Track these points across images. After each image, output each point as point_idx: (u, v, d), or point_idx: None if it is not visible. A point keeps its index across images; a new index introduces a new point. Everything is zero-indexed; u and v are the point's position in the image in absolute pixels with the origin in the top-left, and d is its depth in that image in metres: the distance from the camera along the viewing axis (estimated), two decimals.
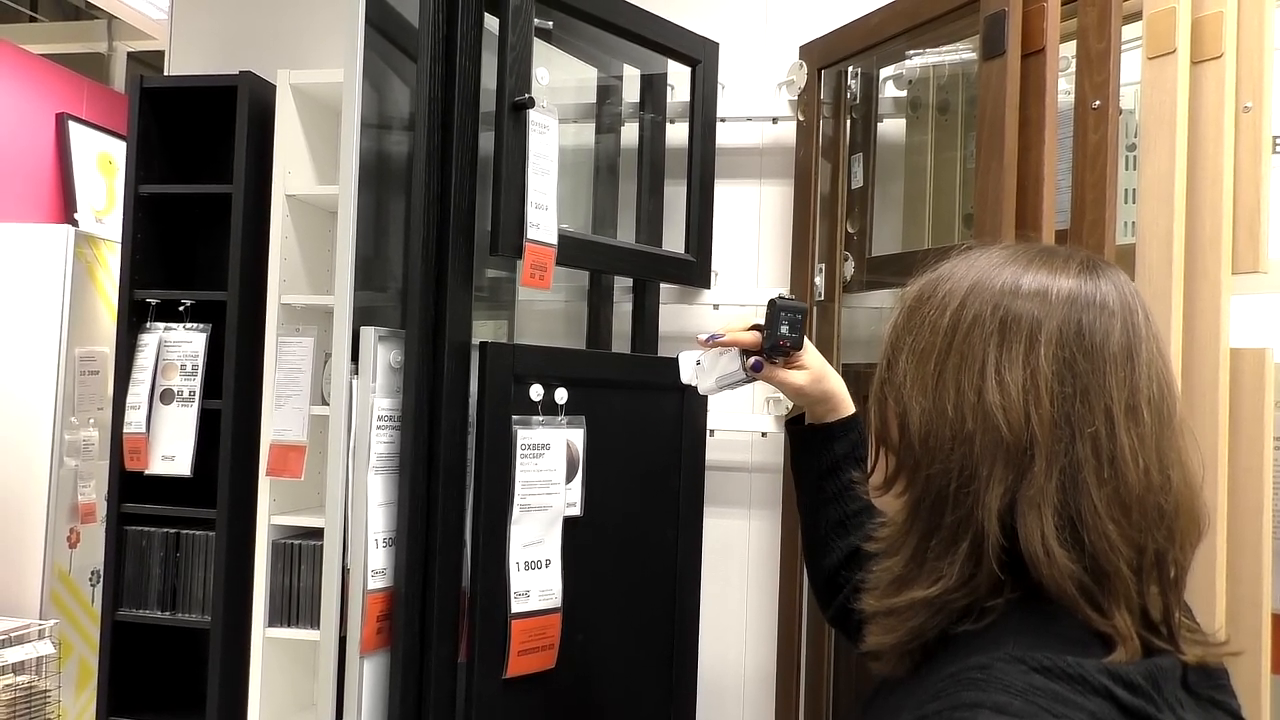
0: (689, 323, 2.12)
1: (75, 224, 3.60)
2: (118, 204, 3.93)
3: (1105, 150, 1.53)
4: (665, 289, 2.07)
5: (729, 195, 2.13)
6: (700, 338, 1.22)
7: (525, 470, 1.60)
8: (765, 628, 2.10)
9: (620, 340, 2.07)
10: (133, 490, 2.05)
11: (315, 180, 2.15)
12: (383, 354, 1.59)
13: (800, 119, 2.02)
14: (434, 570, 1.55)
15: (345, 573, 1.58)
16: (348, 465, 1.56)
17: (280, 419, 1.87)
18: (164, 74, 2.45)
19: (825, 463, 1.20)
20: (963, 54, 1.84)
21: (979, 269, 0.78)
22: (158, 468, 2.00)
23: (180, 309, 2.11)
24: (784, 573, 2.03)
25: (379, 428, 1.58)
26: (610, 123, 2.12)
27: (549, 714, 1.66)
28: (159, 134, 2.25)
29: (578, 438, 1.69)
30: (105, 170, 3.96)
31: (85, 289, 3.08)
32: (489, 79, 1.63)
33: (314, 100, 2.19)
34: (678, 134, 2.06)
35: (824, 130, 1.98)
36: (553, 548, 1.63)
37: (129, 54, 5.11)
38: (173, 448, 1.99)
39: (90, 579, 3.04)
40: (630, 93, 2.10)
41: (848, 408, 1.21)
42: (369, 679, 1.54)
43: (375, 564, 1.56)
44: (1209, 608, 1.42)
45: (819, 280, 1.95)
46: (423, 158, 1.58)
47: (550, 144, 1.66)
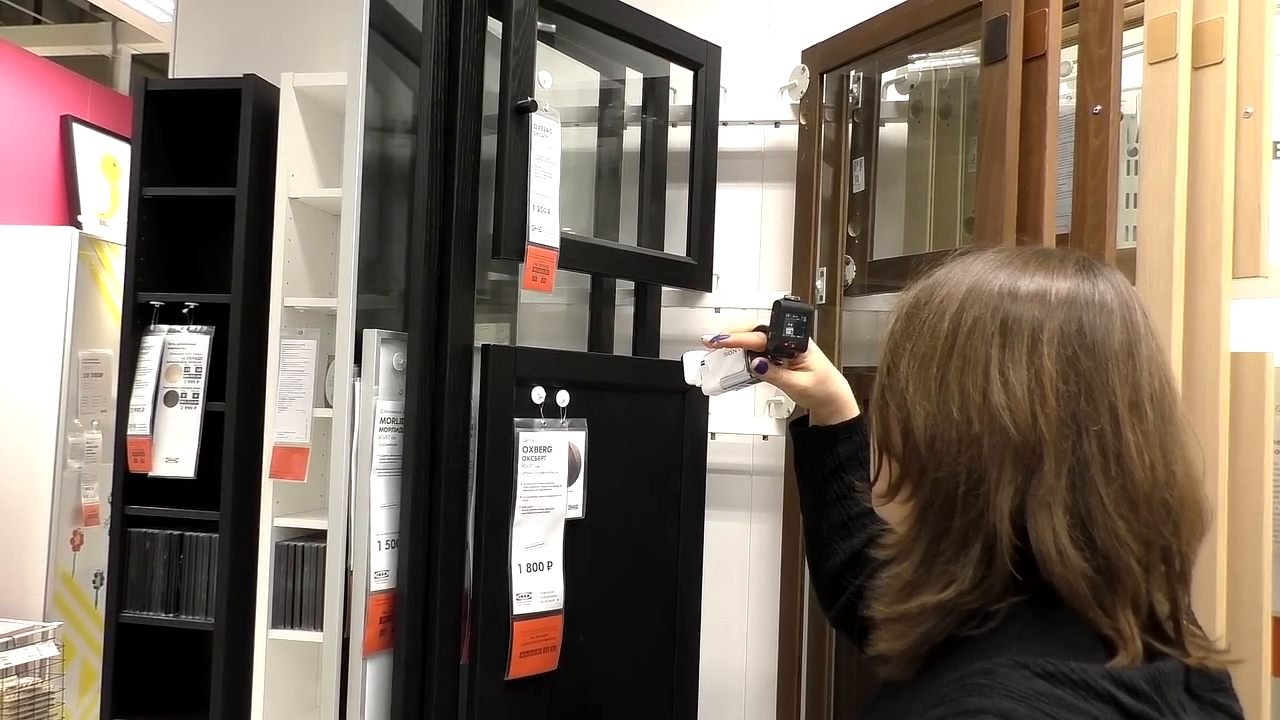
0: (690, 326, 2.13)
1: (79, 226, 3.61)
2: (121, 206, 3.94)
3: (1106, 155, 1.54)
4: (667, 292, 2.08)
5: (731, 198, 2.14)
6: (704, 338, 1.23)
7: (527, 472, 1.61)
8: (766, 630, 2.10)
9: (622, 343, 2.07)
10: (136, 492, 2.06)
11: (318, 183, 2.16)
12: (385, 356, 1.60)
13: (802, 123, 2.02)
14: (436, 572, 1.55)
15: (348, 574, 1.58)
16: (350, 467, 1.56)
17: (283, 421, 1.88)
18: (168, 76, 2.46)
19: (829, 465, 1.20)
20: (965, 58, 1.84)
21: (975, 273, 0.78)
22: (161, 470, 2.01)
23: (184, 311, 2.12)
24: (785, 575, 2.03)
25: (381, 430, 1.58)
26: (612, 126, 2.13)
27: (551, 716, 1.66)
28: (163, 136, 2.26)
29: (579, 440, 1.69)
30: (109, 172, 3.97)
31: (89, 291, 3.08)
32: (491, 82, 1.64)
33: (317, 103, 2.20)
34: (680, 137, 2.07)
35: (826, 134, 1.99)
36: (554, 549, 1.64)
37: (133, 56, 5.12)
38: (176, 450, 2.00)
39: (93, 581, 3.04)
40: (632, 96, 2.11)
41: (851, 410, 1.21)
42: (372, 680, 1.55)
43: (378, 566, 1.56)
44: (1210, 610, 1.43)
45: (820, 283, 1.95)
46: (425, 160, 1.59)
47: (552, 147, 1.67)
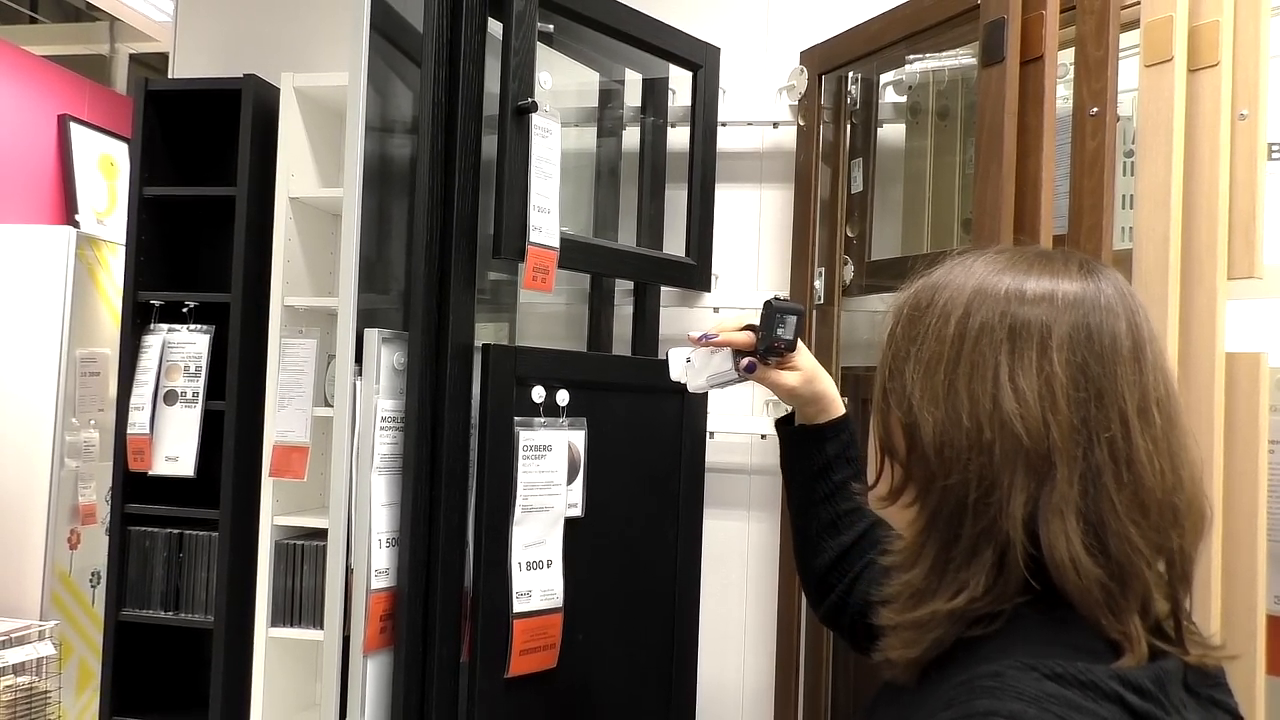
0: (689, 325, 2.13)
1: (76, 225, 3.61)
2: (119, 206, 3.94)
3: (1103, 156, 1.55)
4: (666, 292, 2.09)
5: (729, 199, 2.15)
6: (692, 335, 1.22)
7: (527, 471, 1.61)
8: (764, 627, 2.11)
9: (621, 343, 2.08)
10: (136, 491, 2.06)
11: (318, 183, 2.16)
12: (386, 356, 1.60)
13: (800, 124, 2.03)
14: (436, 570, 1.56)
15: (349, 572, 1.59)
16: (351, 465, 1.57)
17: (283, 420, 1.89)
18: (166, 76, 2.46)
19: (816, 464, 1.20)
20: (962, 60, 1.85)
21: (978, 275, 0.78)
22: (161, 468, 2.01)
23: (184, 310, 2.12)
24: (783, 573, 2.04)
25: (382, 429, 1.59)
26: (612, 127, 2.14)
27: (551, 713, 1.67)
28: (163, 136, 2.26)
29: (579, 439, 1.70)
30: (107, 172, 3.97)
31: (86, 290, 3.08)
32: (492, 83, 1.64)
33: (317, 103, 2.20)
34: (679, 138, 2.08)
35: (824, 135, 2.00)
36: (554, 548, 1.64)
37: (130, 56, 5.12)
38: (176, 448, 2.00)
39: (91, 580, 3.04)
40: (632, 97, 2.12)
41: (838, 408, 1.21)
42: (372, 678, 1.55)
43: (378, 564, 1.57)
44: (1205, 610, 1.43)
45: (819, 284, 1.96)
46: (426, 161, 1.59)
47: (553, 148, 1.68)
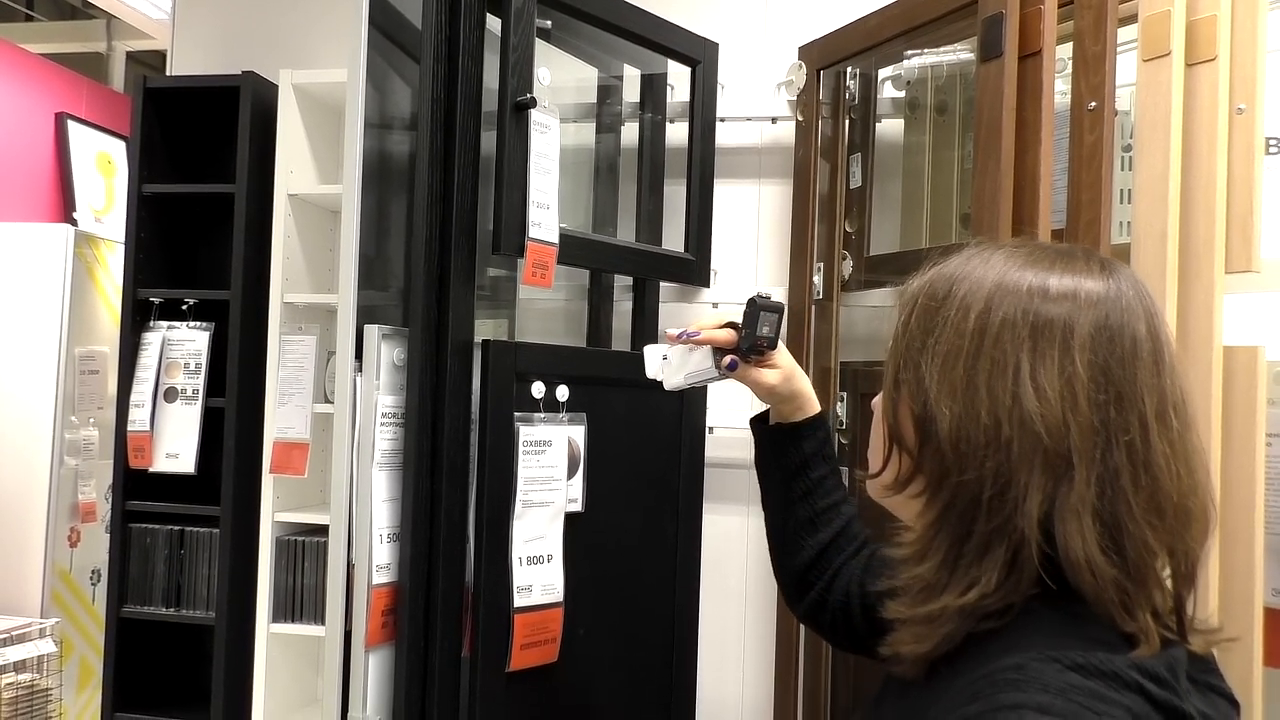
0: (688, 321, 2.13)
1: (75, 223, 3.61)
2: (117, 204, 3.94)
3: (1101, 151, 1.55)
4: (665, 287, 2.09)
5: (728, 195, 2.15)
6: (671, 333, 1.22)
7: (527, 466, 1.62)
8: (764, 620, 2.12)
9: (620, 338, 2.09)
10: (137, 488, 2.06)
11: (317, 180, 2.16)
12: (386, 352, 1.61)
13: (799, 119, 2.04)
14: (438, 565, 1.57)
15: (350, 567, 1.59)
16: (352, 461, 1.57)
17: (283, 417, 1.89)
18: (164, 74, 2.46)
19: (794, 462, 1.19)
20: (960, 55, 1.86)
21: (998, 269, 0.76)
22: (162, 465, 2.01)
23: (183, 308, 2.12)
24: None
25: (382, 424, 1.59)
26: (610, 122, 2.14)
27: (552, 707, 1.67)
28: (161, 134, 2.26)
29: (579, 434, 1.70)
30: (104, 170, 3.97)
31: (85, 288, 3.08)
32: (491, 79, 1.65)
33: (316, 100, 2.20)
34: (677, 134, 2.08)
35: (822, 130, 2.00)
36: (554, 543, 1.65)
37: (128, 54, 5.11)
38: (176, 445, 2.00)
39: (91, 578, 3.04)
40: (630, 92, 2.12)
41: (814, 406, 1.21)
42: (374, 672, 1.56)
43: (380, 559, 1.57)
44: (1203, 603, 1.44)
45: (817, 279, 1.97)
46: (425, 157, 1.60)
47: (552, 143, 1.68)
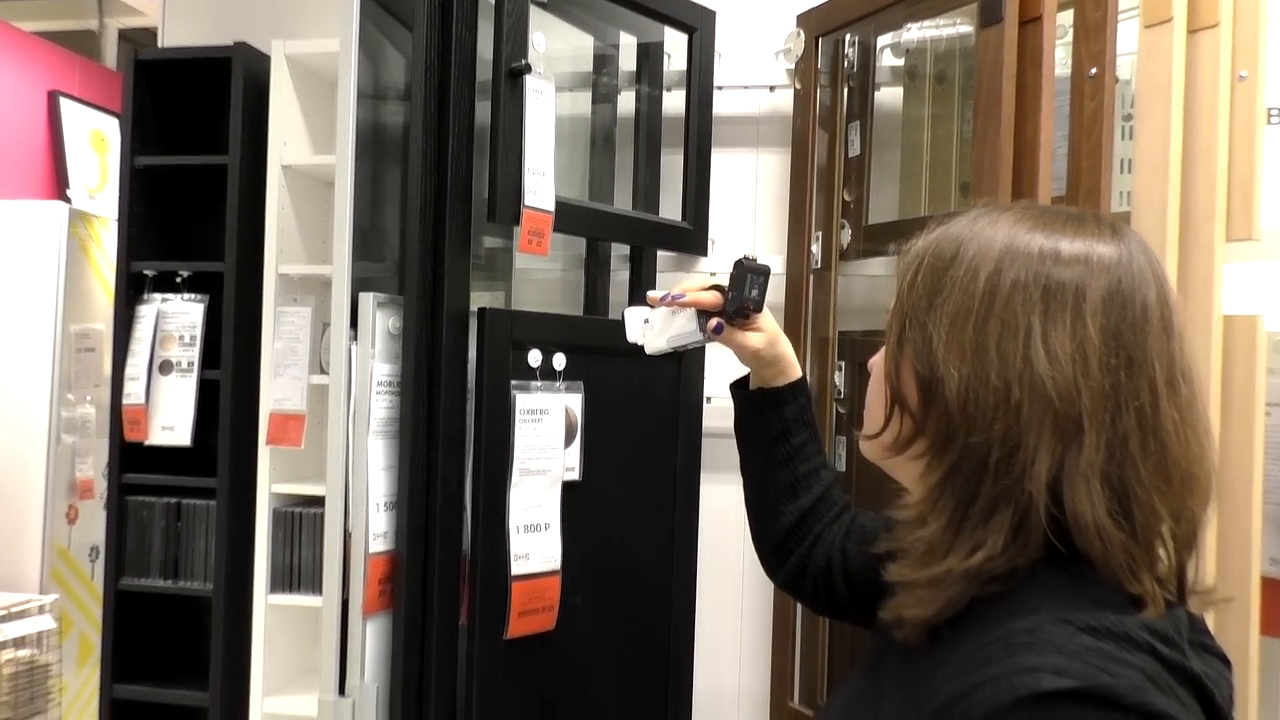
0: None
1: (69, 201, 3.59)
2: (111, 181, 3.92)
3: (1101, 118, 1.54)
4: (662, 257, 2.08)
5: (726, 163, 2.14)
6: (654, 296, 1.19)
7: (524, 435, 1.61)
8: (761, 588, 2.12)
9: (617, 309, 2.08)
10: (133, 461, 2.06)
11: (311, 150, 2.15)
12: (381, 320, 1.60)
13: (797, 87, 2.02)
14: (435, 534, 1.56)
15: (347, 536, 1.59)
16: (348, 429, 1.57)
17: (279, 389, 1.88)
18: (157, 47, 2.44)
19: (775, 427, 1.18)
20: (960, 24, 1.84)
21: (1006, 232, 0.75)
22: (158, 438, 2.00)
23: (178, 280, 2.11)
24: None
25: (379, 393, 1.59)
26: (607, 91, 2.12)
27: (549, 674, 1.68)
28: (154, 106, 2.24)
29: (576, 403, 1.70)
30: (98, 147, 3.94)
31: (80, 266, 3.06)
32: (485, 47, 1.63)
33: (309, 70, 2.19)
34: (675, 102, 2.06)
35: (821, 99, 1.98)
36: (552, 511, 1.65)
37: (120, 31, 5.07)
38: (172, 418, 1.99)
39: (90, 555, 3.04)
40: (627, 61, 2.10)
41: (795, 371, 1.20)
42: (371, 640, 1.56)
43: (377, 528, 1.57)
44: (1201, 572, 1.44)
45: (816, 248, 1.96)
46: (420, 125, 1.58)
47: (547, 110, 1.67)
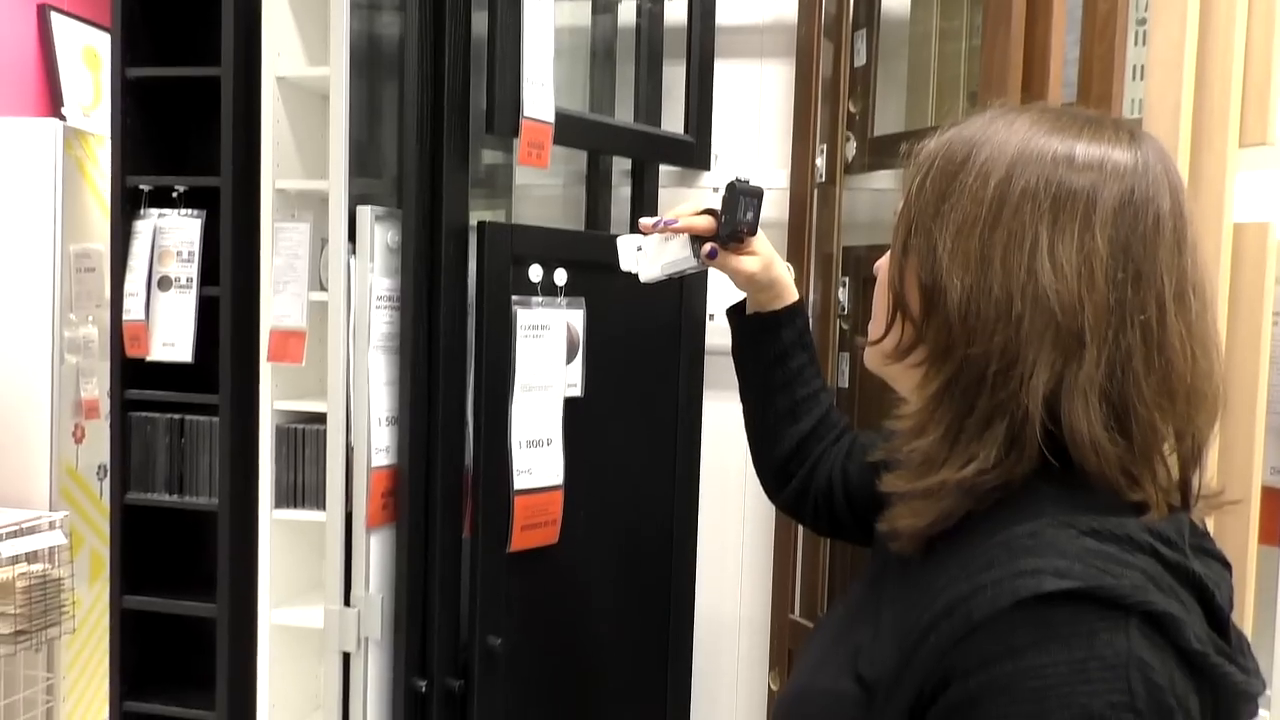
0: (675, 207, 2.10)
1: (63, 119, 3.54)
2: (104, 99, 3.86)
3: (1114, 21, 1.50)
4: (664, 172, 2.04)
5: (729, 75, 2.09)
6: (646, 223, 1.18)
7: (525, 351, 1.61)
8: (763, 505, 2.13)
9: (619, 225, 2.05)
10: (135, 378, 2.06)
11: (306, 62, 2.10)
12: (380, 234, 1.58)
13: None
14: (436, 448, 1.57)
15: (349, 450, 1.60)
16: (348, 343, 1.57)
17: (279, 305, 1.87)
18: None
19: (773, 351, 1.18)
20: None
21: (1021, 135, 0.73)
22: (159, 354, 2.00)
23: (174, 195, 2.08)
24: None
25: (378, 308, 1.58)
26: (606, 2, 2.07)
27: (553, 587, 1.70)
28: (144, 16, 2.19)
29: (577, 319, 1.69)
30: (90, 63, 3.87)
31: (76, 185, 3.03)
32: None
33: None
34: (677, 12, 2.01)
35: (826, 6, 1.93)
36: (554, 427, 1.65)
37: None
38: (172, 334, 1.99)
39: (97, 474, 3.07)
40: None
41: (791, 294, 1.19)
42: (375, 553, 1.58)
43: (379, 442, 1.58)
44: (1202, 480, 1.45)
45: (820, 161, 1.93)
46: (415, 35, 1.55)
47: (546, 19, 1.62)
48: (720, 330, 2.09)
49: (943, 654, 0.66)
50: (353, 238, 1.59)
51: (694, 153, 1.94)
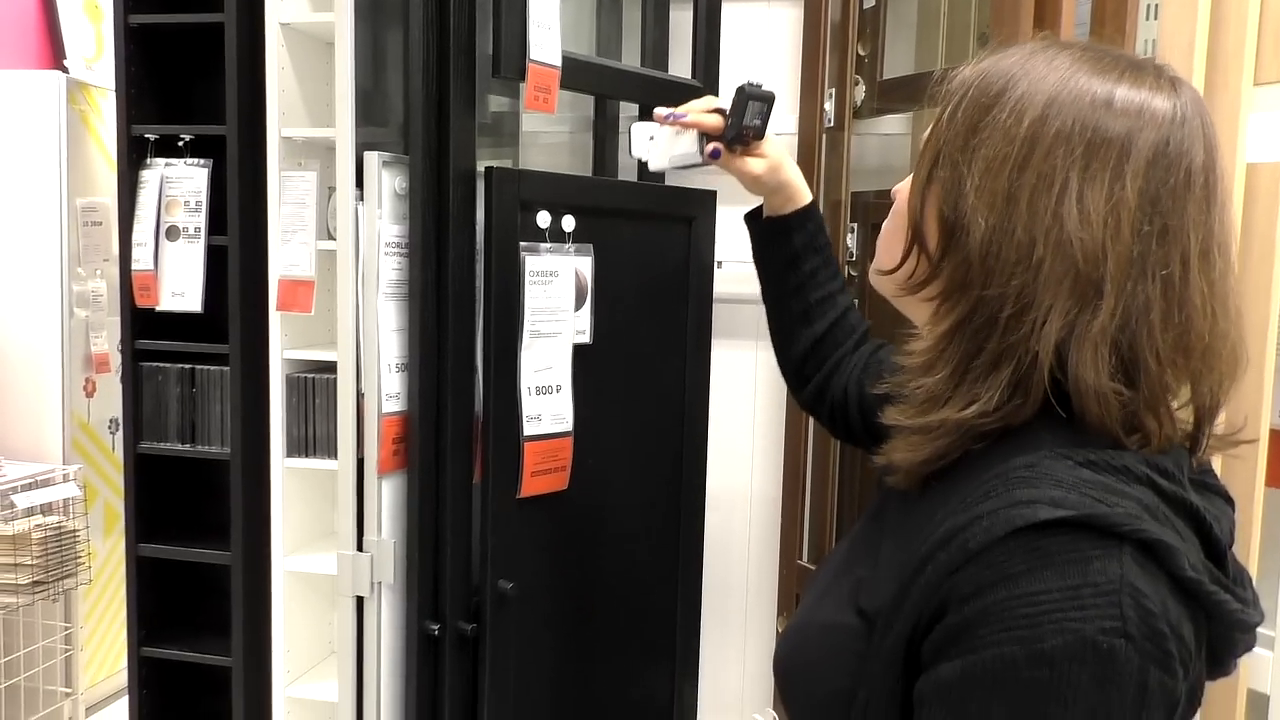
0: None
1: (66, 71, 3.51)
2: (107, 50, 3.82)
3: None
4: None
5: (736, 18, 2.06)
6: (659, 113, 1.19)
7: (534, 297, 1.60)
8: (772, 454, 2.15)
9: (626, 172, 2.04)
10: (145, 328, 2.07)
11: (310, 7, 2.08)
12: (387, 179, 1.58)
13: None
14: (446, 394, 1.58)
15: (360, 397, 1.60)
16: (358, 291, 1.57)
17: (287, 254, 1.87)
18: None
19: (785, 255, 1.19)
20: None
21: (1061, 73, 0.70)
22: (168, 304, 2.00)
23: (180, 145, 2.08)
24: (790, 400, 2.06)
25: (387, 254, 1.58)
26: None
27: (562, 533, 1.71)
28: None
29: (585, 266, 1.69)
30: (92, 14, 3.83)
31: (81, 138, 3.02)
32: None
33: None
34: None
35: None
36: (563, 373, 1.65)
37: None
38: (181, 284, 1.99)
39: (109, 427, 3.09)
40: None
41: (803, 197, 1.19)
42: (387, 499, 1.59)
43: (389, 389, 1.58)
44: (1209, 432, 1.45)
45: (829, 106, 1.91)
46: None
47: None
48: (727, 278, 2.10)
49: (940, 583, 0.66)
50: (360, 185, 1.59)
51: (701, 97, 1.92)
